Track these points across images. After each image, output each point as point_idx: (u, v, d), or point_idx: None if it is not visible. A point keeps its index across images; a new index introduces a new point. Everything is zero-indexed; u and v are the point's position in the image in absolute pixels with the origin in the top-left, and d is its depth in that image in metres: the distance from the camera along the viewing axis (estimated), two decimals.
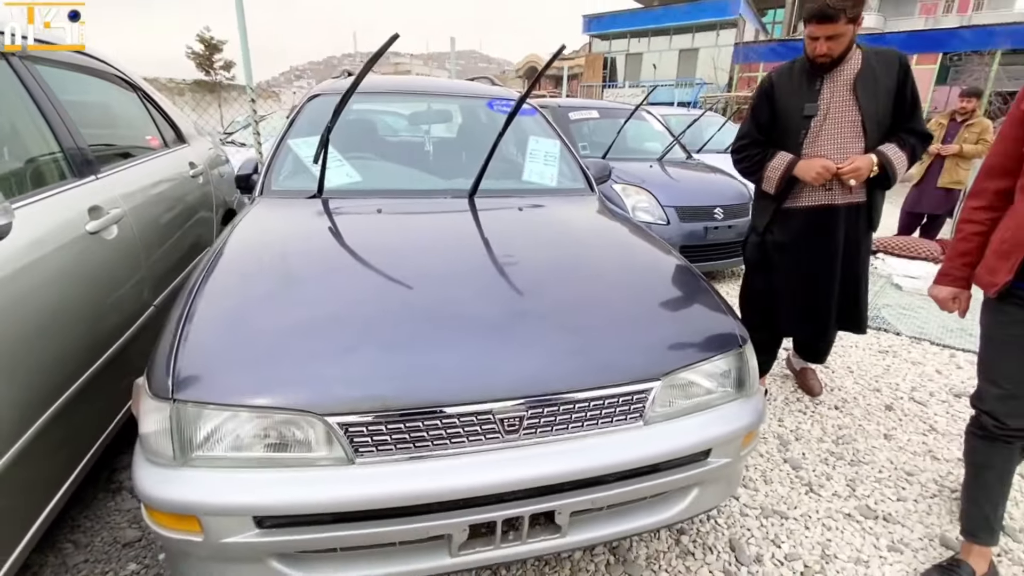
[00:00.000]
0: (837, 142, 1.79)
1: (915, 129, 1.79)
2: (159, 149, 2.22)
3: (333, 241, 1.55)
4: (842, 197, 1.84)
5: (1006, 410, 1.31)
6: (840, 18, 1.63)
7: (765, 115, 1.91)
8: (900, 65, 1.76)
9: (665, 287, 1.45)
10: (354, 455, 0.99)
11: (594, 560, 1.46)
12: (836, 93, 1.77)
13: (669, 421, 1.18)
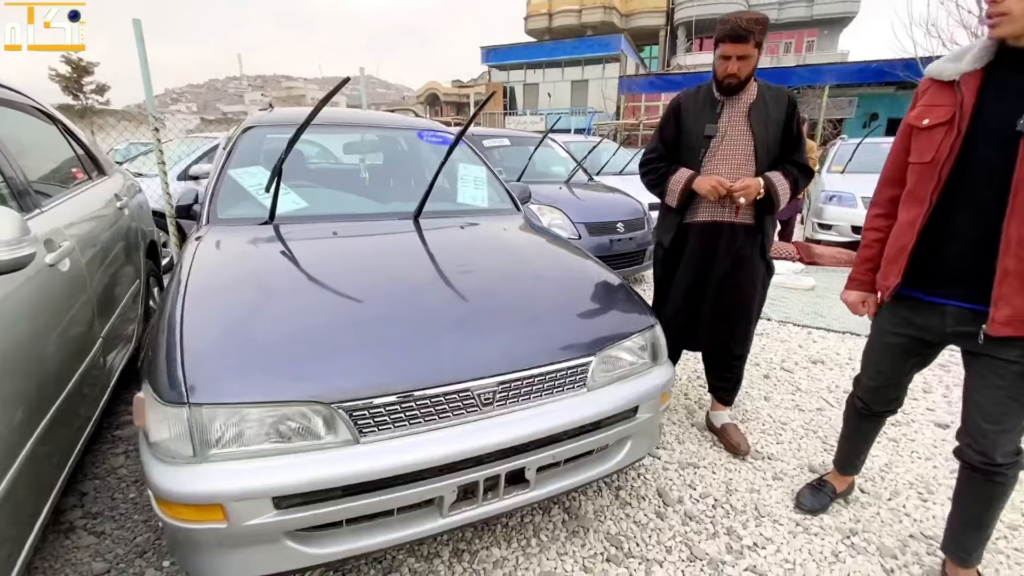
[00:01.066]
0: (731, 163, 1.89)
1: (798, 162, 1.92)
2: (85, 182, 2.17)
3: (303, 258, 1.70)
4: (730, 215, 1.92)
5: (872, 398, 1.58)
6: (750, 40, 1.76)
7: (671, 133, 2.01)
8: (789, 101, 1.90)
9: (590, 284, 1.78)
10: (359, 435, 1.17)
11: (552, 520, 1.72)
12: (733, 118, 1.88)
13: (605, 387, 1.48)
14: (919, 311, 1.35)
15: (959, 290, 1.26)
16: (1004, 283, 1.16)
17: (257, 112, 2.71)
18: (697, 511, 1.77)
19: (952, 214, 1.24)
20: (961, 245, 1.24)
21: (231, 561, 1.14)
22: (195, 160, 5.23)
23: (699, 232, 1.98)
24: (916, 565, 1.55)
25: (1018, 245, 1.13)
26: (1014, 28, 1.12)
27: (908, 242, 1.30)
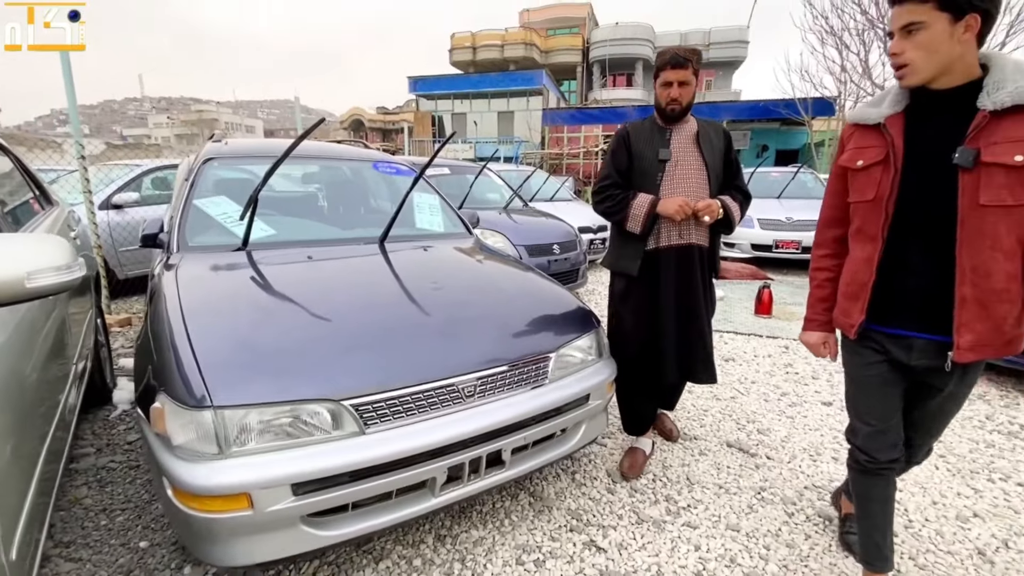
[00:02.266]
0: (689, 185, 1.93)
1: (740, 187, 2.05)
2: (40, 213, 2.15)
3: (288, 278, 1.85)
4: (694, 238, 1.96)
5: (876, 445, 1.41)
6: (688, 66, 1.87)
7: (623, 161, 2.02)
8: (725, 133, 2.04)
9: (544, 295, 2.08)
10: (364, 427, 1.36)
11: (519, 503, 1.95)
12: (683, 144, 1.95)
13: (562, 379, 1.76)
14: (887, 345, 1.34)
15: (919, 321, 1.27)
16: (963, 310, 1.19)
17: (210, 144, 2.78)
18: (640, 485, 2.09)
19: (905, 248, 1.26)
20: (919, 277, 1.25)
21: (252, 546, 1.27)
22: (118, 188, 5.01)
23: (665, 257, 1.97)
24: (810, 508, 1.95)
25: (972, 272, 1.16)
26: (920, 77, 1.18)
27: (868, 278, 1.31)
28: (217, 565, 1.29)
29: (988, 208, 1.14)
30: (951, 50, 1.13)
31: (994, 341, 1.19)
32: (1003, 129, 1.12)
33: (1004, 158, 1.11)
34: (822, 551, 1.73)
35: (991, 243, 1.15)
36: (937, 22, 1.12)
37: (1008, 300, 1.17)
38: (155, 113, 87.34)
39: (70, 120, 3.93)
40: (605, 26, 29.50)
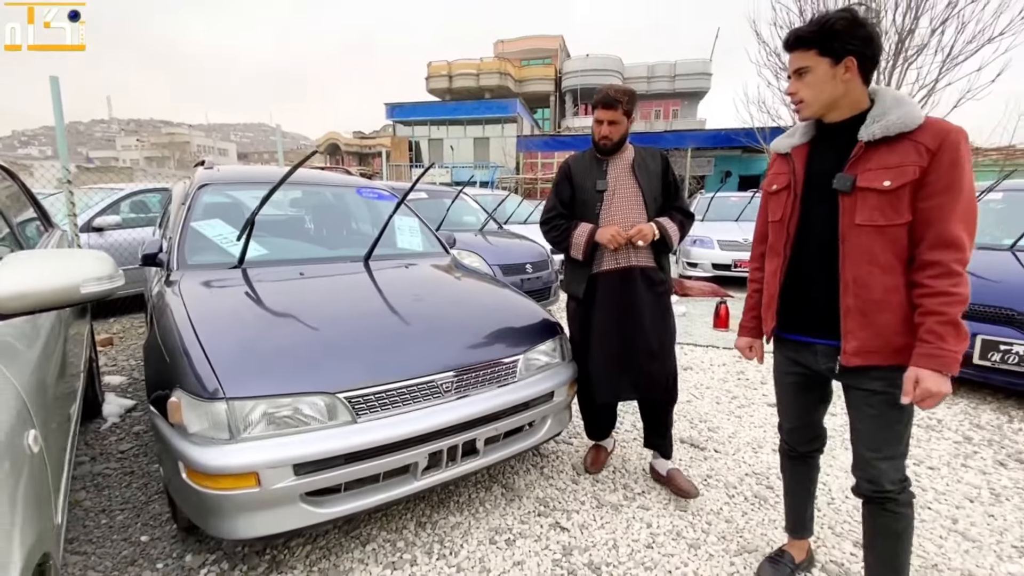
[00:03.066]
0: (626, 212, 2.04)
1: (680, 207, 2.13)
2: (45, 234, 2.31)
3: (283, 291, 2.06)
4: (636, 260, 2.05)
5: (794, 439, 1.63)
6: (618, 107, 1.99)
7: (566, 191, 2.16)
8: (662, 157, 2.14)
9: (514, 306, 2.33)
10: (356, 417, 1.57)
11: (493, 494, 2.16)
12: (620, 173, 2.07)
13: (529, 378, 2.00)
14: (799, 351, 1.48)
15: (819, 328, 1.39)
16: (848, 319, 1.30)
17: (202, 170, 2.97)
18: (602, 477, 2.32)
19: (805, 263, 1.41)
20: (814, 289, 1.38)
21: (257, 520, 1.45)
22: (99, 212, 5.10)
23: (608, 279, 2.07)
24: (748, 491, 2.22)
25: (853, 284, 1.28)
26: (812, 111, 1.34)
27: (775, 290, 1.47)
28: (225, 538, 1.46)
29: (863, 227, 1.26)
30: (835, 89, 1.29)
31: (880, 348, 1.28)
32: (876, 157, 1.25)
33: (875, 183, 1.24)
34: (755, 524, 1.99)
35: (868, 258, 1.27)
36: (820, 65, 1.28)
37: (888, 310, 1.26)
38: (124, 135, 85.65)
39: (57, 146, 4.06)
40: (576, 57, 30.78)
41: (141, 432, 2.67)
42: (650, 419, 2.27)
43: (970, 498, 2.19)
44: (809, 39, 1.28)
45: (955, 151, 1.18)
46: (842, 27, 1.23)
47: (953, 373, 1.18)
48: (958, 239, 1.18)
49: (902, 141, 1.23)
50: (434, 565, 1.74)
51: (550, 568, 1.73)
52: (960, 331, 1.17)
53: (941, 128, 1.20)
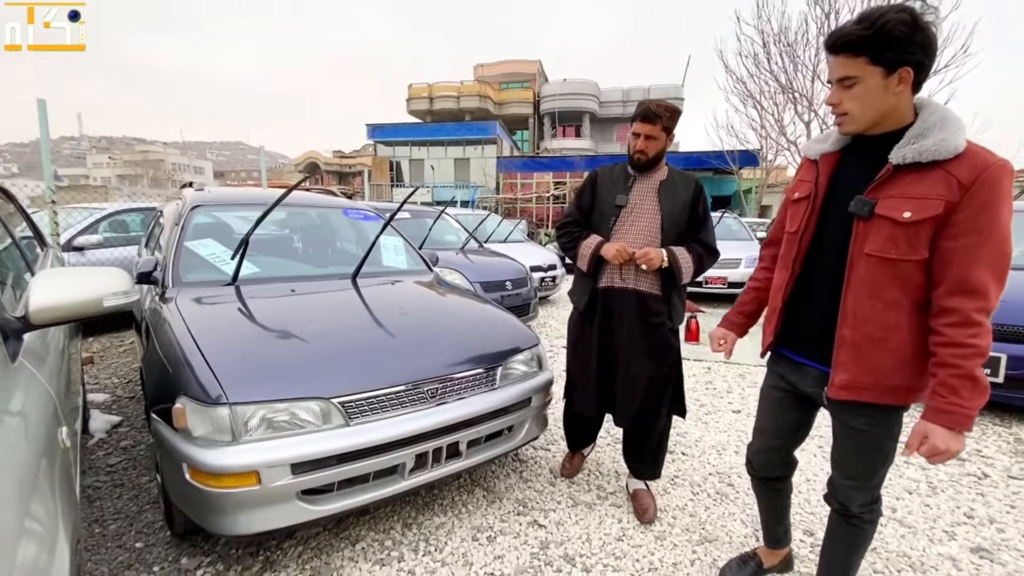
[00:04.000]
0: (638, 232, 1.98)
1: (704, 241, 2.00)
2: (41, 254, 2.39)
3: (277, 306, 2.19)
4: (635, 283, 2.00)
5: (759, 461, 1.56)
6: (658, 122, 1.91)
7: (587, 201, 2.13)
8: (696, 185, 2.02)
9: (494, 318, 2.50)
10: (349, 420, 1.70)
11: (475, 496, 2.29)
12: (644, 192, 2.01)
13: (508, 386, 2.16)
14: (791, 369, 1.41)
15: (815, 352, 1.31)
16: (841, 350, 1.21)
17: (193, 192, 3.08)
18: (577, 479, 2.47)
19: (812, 281, 1.31)
20: (816, 311, 1.29)
21: (256, 517, 1.56)
22: (79, 231, 5.12)
23: (606, 296, 2.05)
24: (712, 488, 2.40)
25: (853, 315, 1.19)
26: (857, 126, 1.18)
27: (777, 304, 1.37)
28: (226, 534, 1.57)
29: (872, 257, 1.16)
30: (885, 101, 1.12)
31: (872, 385, 1.19)
32: (902, 184, 1.12)
33: (894, 213, 1.12)
34: (716, 517, 2.17)
35: (871, 291, 1.17)
36: (871, 76, 1.10)
37: (886, 349, 1.17)
38: (95, 152, 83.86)
39: (43, 166, 4.12)
40: (554, 81, 31.64)
41: (129, 447, 2.72)
42: (625, 439, 2.26)
43: (909, 490, 2.42)
44: (860, 44, 1.09)
45: (992, 189, 1.05)
46: (901, 32, 1.05)
47: (966, 431, 1.08)
48: (981, 286, 1.06)
49: (934, 169, 1.09)
50: (420, 561, 1.86)
51: (528, 560, 1.87)
52: (978, 386, 1.07)
53: (981, 160, 1.06)
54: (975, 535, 2.08)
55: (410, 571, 1.80)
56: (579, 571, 1.82)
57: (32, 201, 6.57)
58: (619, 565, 1.86)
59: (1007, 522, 2.17)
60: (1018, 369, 3.09)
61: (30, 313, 1.13)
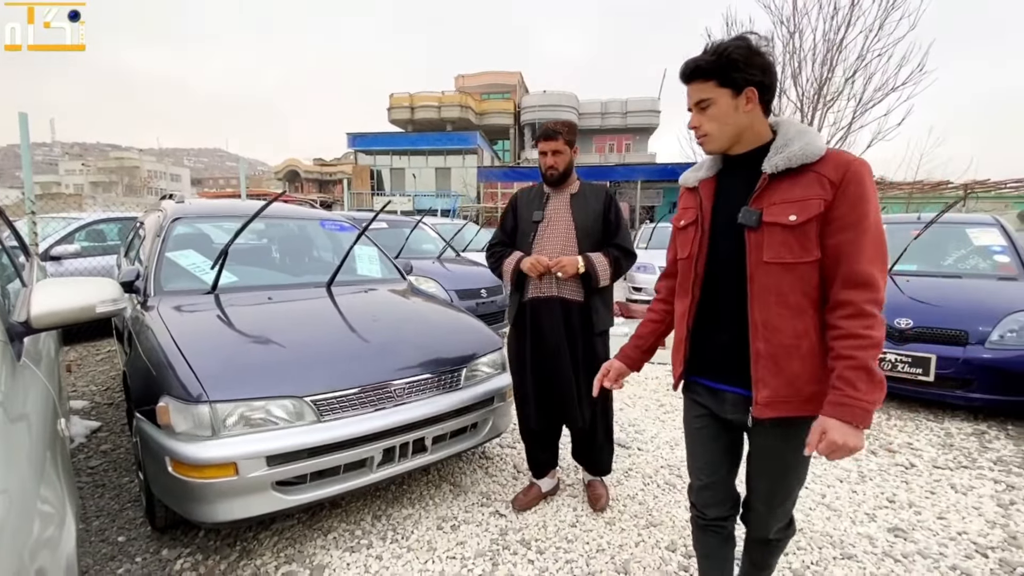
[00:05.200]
0: (556, 244, 2.12)
1: (620, 245, 2.14)
2: (25, 262, 2.50)
3: (254, 312, 2.33)
4: (557, 291, 2.10)
5: (703, 500, 1.43)
6: (559, 138, 2.09)
7: (510, 223, 2.29)
8: (606, 194, 2.19)
9: (460, 324, 2.68)
10: (320, 417, 1.86)
11: (441, 490, 2.45)
12: (557, 206, 2.17)
13: (472, 386, 2.34)
14: (708, 396, 1.38)
15: (731, 375, 1.29)
16: (758, 365, 1.21)
17: (173, 204, 3.20)
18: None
19: (715, 304, 1.32)
20: (724, 332, 1.29)
21: (234, 505, 1.71)
22: (56, 241, 5.15)
23: (532, 307, 2.17)
24: (662, 479, 2.60)
25: (763, 327, 1.19)
26: (718, 145, 1.26)
27: (683, 333, 1.36)
28: (206, 521, 1.70)
29: (771, 265, 1.19)
30: (738, 120, 1.22)
31: (791, 397, 1.20)
32: (780, 191, 1.18)
33: (780, 218, 1.17)
34: (663, 505, 2.37)
35: (776, 299, 1.19)
36: (722, 97, 1.20)
37: (799, 357, 1.18)
38: (67, 159, 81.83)
39: (24, 179, 4.18)
40: (534, 93, 32.17)
41: (109, 451, 2.81)
42: (572, 440, 2.38)
43: (840, 479, 2.65)
44: (708, 70, 1.21)
45: (859, 184, 1.13)
46: (740, 56, 1.17)
47: (865, 426, 1.09)
48: (870, 278, 1.11)
49: (805, 173, 1.17)
50: (387, 547, 2.01)
51: (488, 545, 2.04)
52: (874, 378, 1.09)
53: (843, 160, 1.15)
54: (894, 517, 2.32)
55: (377, 556, 1.95)
56: (534, 553, 2.00)
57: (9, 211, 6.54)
58: (570, 547, 2.04)
59: (925, 506, 2.42)
60: (947, 368, 3.38)
61: (32, 318, 1.27)
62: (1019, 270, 3.88)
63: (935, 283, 3.95)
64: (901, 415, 3.57)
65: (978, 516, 2.32)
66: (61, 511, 1.03)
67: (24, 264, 2.53)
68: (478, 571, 1.89)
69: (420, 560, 1.94)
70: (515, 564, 1.93)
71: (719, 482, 1.41)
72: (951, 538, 2.15)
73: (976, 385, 3.31)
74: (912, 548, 2.09)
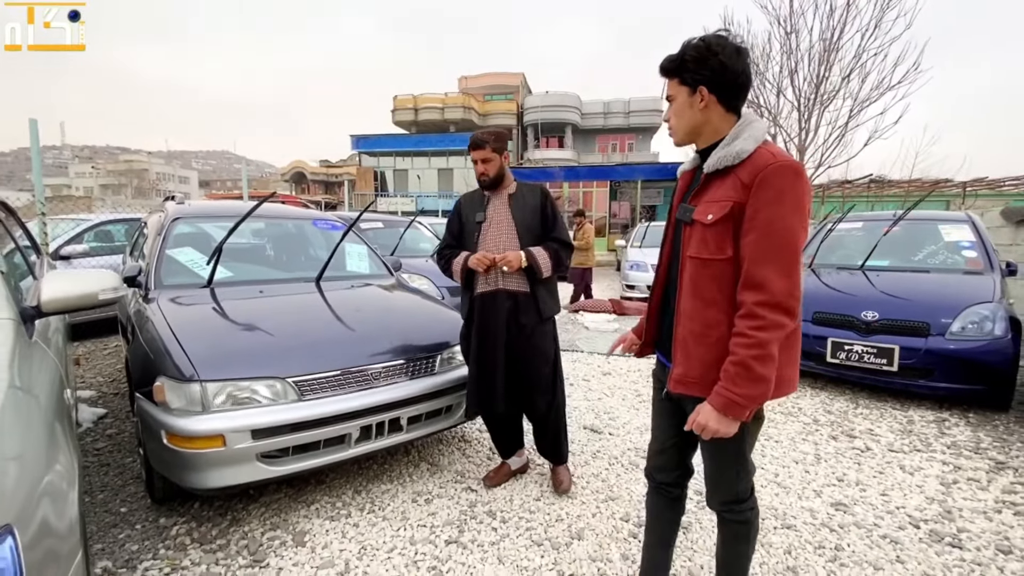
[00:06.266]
0: (499, 241, 2.25)
1: (558, 238, 2.28)
2: (36, 259, 2.71)
3: (245, 304, 2.53)
4: (504, 284, 2.23)
5: (654, 464, 1.57)
6: (485, 146, 2.22)
7: (456, 226, 2.41)
8: (541, 192, 2.32)
9: (436, 315, 2.86)
10: (301, 396, 2.05)
11: (419, 468, 2.64)
12: (497, 206, 2.30)
13: (445, 372, 2.52)
14: (661, 370, 1.50)
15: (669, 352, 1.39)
16: (676, 347, 1.32)
17: (174, 205, 3.41)
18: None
19: (668, 286, 1.44)
20: (669, 314, 1.40)
21: (223, 474, 1.90)
22: (66, 241, 5.39)
23: (480, 302, 2.27)
24: (627, 460, 2.77)
25: (683, 315, 1.30)
26: (678, 138, 1.34)
27: (651, 312, 1.52)
28: (198, 487, 1.90)
29: (693, 259, 1.28)
30: (693, 116, 1.28)
31: (699, 380, 1.28)
32: (711, 190, 1.26)
33: (702, 216, 1.25)
34: (624, 482, 2.54)
35: (693, 290, 1.28)
36: (681, 94, 1.28)
37: (705, 344, 1.26)
38: (78, 162, 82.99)
39: (34, 182, 4.41)
40: (537, 94, 32.32)
41: (113, 435, 3.03)
42: (535, 429, 2.47)
43: (796, 461, 2.81)
44: (669, 68, 1.29)
45: (769, 187, 1.15)
46: (691, 57, 1.24)
47: (735, 416, 1.18)
48: (762, 281, 1.15)
49: (729, 175, 1.23)
50: (364, 517, 2.20)
51: (457, 515, 2.23)
52: (751, 375, 1.15)
53: (762, 162, 1.17)
54: (839, 493, 2.48)
55: (355, 524, 2.15)
56: (498, 522, 2.18)
57: (22, 212, 6.80)
58: (531, 518, 2.22)
59: (871, 484, 2.58)
60: (909, 359, 3.53)
61: (42, 303, 1.47)
62: (985, 265, 4.02)
63: (903, 277, 4.10)
64: (868, 404, 3.72)
65: (919, 493, 2.48)
66: (70, 468, 1.22)
67: (36, 262, 2.74)
68: (445, 536, 2.07)
69: (393, 528, 2.13)
70: (479, 531, 2.12)
71: (670, 449, 1.53)
72: (889, 512, 2.31)
73: (937, 374, 3.46)
74: (850, 520, 2.25)
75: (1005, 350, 3.34)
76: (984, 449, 2.98)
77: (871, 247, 4.38)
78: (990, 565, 1.96)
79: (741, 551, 1.49)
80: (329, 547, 2.00)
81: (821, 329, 3.90)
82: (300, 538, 2.05)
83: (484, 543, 2.04)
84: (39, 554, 0.92)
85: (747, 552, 1.50)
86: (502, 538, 2.08)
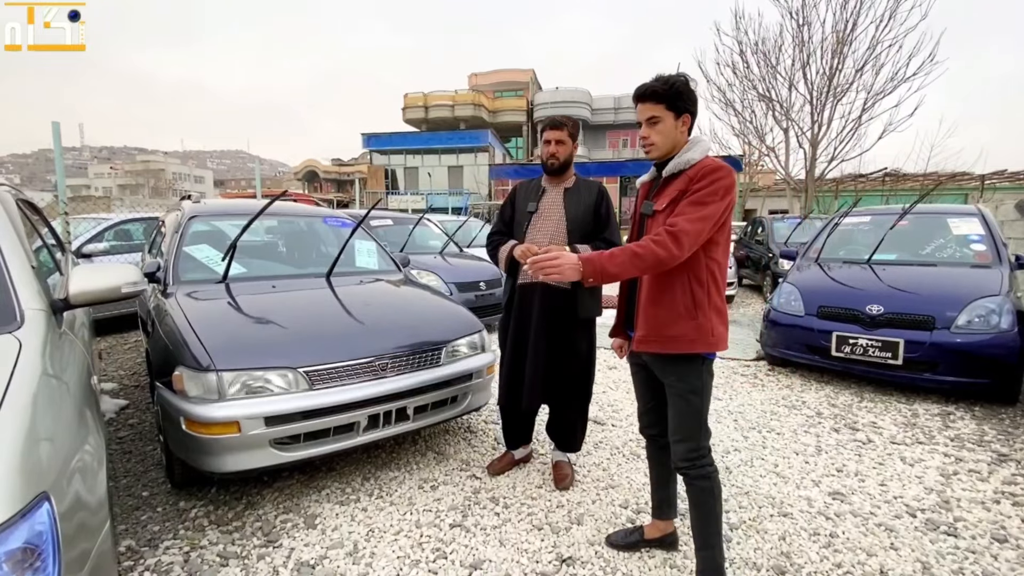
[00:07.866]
0: (547, 234, 2.27)
1: (608, 239, 2.26)
2: (61, 255, 2.85)
3: (259, 298, 2.64)
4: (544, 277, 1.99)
5: (642, 421, 1.91)
6: (564, 128, 2.26)
7: (508, 212, 2.43)
8: (599, 190, 2.34)
9: (444, 309, 2.95)
10: (312, 386, 2.14)
11: (426, 457, 2.73)
12: (552, 199, 2.31)
13: (451, 364, 2.60)
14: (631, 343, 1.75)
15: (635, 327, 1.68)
16: (639, 312, 1.65)
17: (191, 204, 3.54)
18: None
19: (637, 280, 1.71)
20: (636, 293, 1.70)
21: (238, 459, 2.00)
22: (87, 240, 5.57)
23: (521, 292, 2.31)
24: (629, 450, 2.83)
25: (646, 285, 1.64)
26: (660, 153, 1.61)
27: (622, 296, 1.85)
28: (214, 471, 2.00)
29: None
30: (676, 136, 1.59)
31: (656, 337, 1.59)
32: (668, 189, 1.61)
33: (660, 206, 1.61)
34: (625, 472, 2.60)
35: None
36: (668, 117, 1.57)
37: (661, 306, 1.59)
38: (96, 163, 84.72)
39: (57, 183, 4.58)
40: (547, 90, 32.26)
41: (135, 424, 3.16)
42: (550, 413, 2.51)
43: (797, 452, 2.85)
44: (660, 94, 1.55)
45: (704, 180, 1.50)
46: (683, 89, 1.55)
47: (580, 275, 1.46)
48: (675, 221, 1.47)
49: (681, 175, 1.58)
50: (373, 502, 2.29)
51: (461, 501, 2.31)
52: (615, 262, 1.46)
53: (703, 165, 1.54)
54: (838, 483, 2.51)
55: (363, 508, 2.24)
56: (500, 507, 2.26)
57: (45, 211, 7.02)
58: (533, 504, 2.29)
59: (870, 475, 2.61)
60: (914, 352, 3.53)
61: (70, 296, 1.58)
62: (994, 258, 3.99)
63: (910, 271, 4.08)
64: (873, 398, 3.73)
65: (918, 484, 2.51)
66: (99, 446, 1.32)
67: (61, 259, 2.87)
68: (449, 521, 2.15)
69: (400, 512, 2.22)
70: (482, 516, 2.20)
71: (652, 409, 1.86)
72: (886, 501, 2.35)
73: (942, 368, 3.46)
74: (846, 508, 2.29)
75: (1011, 343, 3.33)
76: (987, 442, 2.98)
77: (878, 241, 4.37)
78: (984, 553, 1.98)
79: (710, 508, 1.65)
80: (339, 529, 2.09)
81: (826, 323, 3.91)
82: (311, 521, 2.14)
83: (487, 527, 2.12)
84: (72, 526, 1.00)
85: (715, 510, 1.66)
86: (504, 522, 2.15)
